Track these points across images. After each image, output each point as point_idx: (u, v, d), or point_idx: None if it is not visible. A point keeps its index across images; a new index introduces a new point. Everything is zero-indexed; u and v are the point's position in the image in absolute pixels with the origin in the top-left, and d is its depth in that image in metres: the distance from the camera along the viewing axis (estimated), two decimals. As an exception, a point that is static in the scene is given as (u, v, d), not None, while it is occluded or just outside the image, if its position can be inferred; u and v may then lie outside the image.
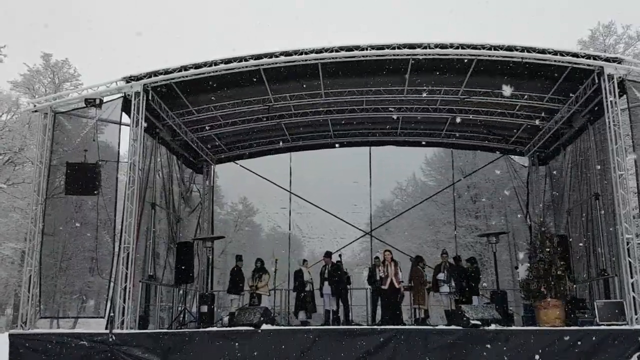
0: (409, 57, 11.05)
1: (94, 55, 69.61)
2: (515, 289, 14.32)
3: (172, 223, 14.09)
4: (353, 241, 17.07)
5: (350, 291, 12.89)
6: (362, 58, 11.04)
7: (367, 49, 10.74)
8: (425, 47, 10.66)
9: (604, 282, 11.31)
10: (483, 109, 13.76)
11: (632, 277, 9.42)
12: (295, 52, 10.86)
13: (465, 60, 11.17)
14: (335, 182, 16.81)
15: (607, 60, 10.50)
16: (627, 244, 9.60)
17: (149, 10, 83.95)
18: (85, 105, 10.89)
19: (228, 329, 9.81)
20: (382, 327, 9.61)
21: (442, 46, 10.65)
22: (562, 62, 10.72)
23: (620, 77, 10.35)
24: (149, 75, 11.04)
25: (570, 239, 12.98)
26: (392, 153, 16.39)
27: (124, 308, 9.95)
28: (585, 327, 9.24)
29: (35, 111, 11.43)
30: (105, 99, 10.94)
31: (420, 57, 11.00)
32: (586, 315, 10.68)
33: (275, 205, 17.25)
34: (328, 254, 13.25)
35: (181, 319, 12.73)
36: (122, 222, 10.45)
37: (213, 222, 16.68)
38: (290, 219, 16.62)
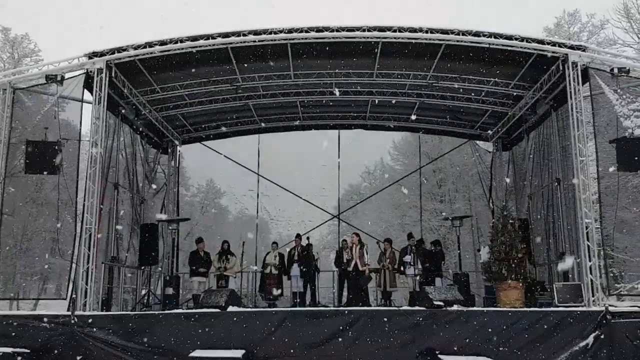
0: (379, 39, 11.04)
1: (61, 35, 66.81)
2: (477, 271, 14.62)
3: (136, 204, 13.82)
4: (321, 224, 17.14)
5: (317, 274, 12.97)
6: (332, 40, 10.97)
7: (337, 30, 10.67)
8: (395, 30, 10.66)
9: (563, 265, 11.64)
10: (450, 94, 13.89)
11: (590, 261, 9.71)
12: (265, 32, 10.70)
13: (434, 45, 11.23)
14: (303, 165, 16.76)
15: (571, 47, 10.68)
16: (586, 228, 9.85)
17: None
18: (45, 82, 10.53)
19: (194, 310, 9.73)
20: (348, 308, 9.68)
21: (412, 30, 10.67)
22: (528, 48, 10.85)
23: (584, 65, 10.55)
24: (113, 51, 10.71)
25: (531, 223, 13.31)
26: (361, 137, 16.41)
27: (86, 290, 9.76)
28: (544, 309, 9.46)
29: (-7, 87, 10.99)
30: (66, 75, 10.57)
31: (391, 40, 11.00)
32: (545, 297, 10.99)
33: (243, 188, 17.15)
34: (299, 236, 13.34)
35: (145, 301, 12.59)
36: (84, 202, 10.19)
37: (178, 204, 16.46)
38: (258, 202, 16.52)
